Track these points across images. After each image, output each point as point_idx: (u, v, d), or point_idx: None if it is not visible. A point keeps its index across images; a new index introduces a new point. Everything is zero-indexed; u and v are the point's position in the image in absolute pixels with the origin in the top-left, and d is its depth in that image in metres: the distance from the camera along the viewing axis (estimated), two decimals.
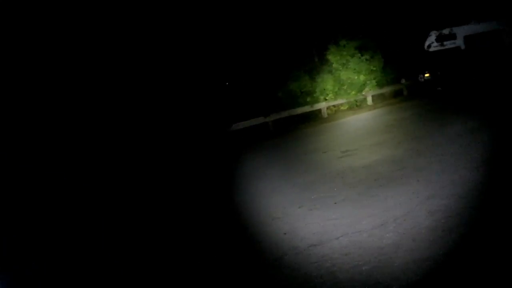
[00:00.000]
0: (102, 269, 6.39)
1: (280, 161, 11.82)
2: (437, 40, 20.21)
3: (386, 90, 21.58)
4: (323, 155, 11.21)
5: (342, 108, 20.98)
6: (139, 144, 16.72)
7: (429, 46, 20.70)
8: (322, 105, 20.42)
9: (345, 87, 20.69)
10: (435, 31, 20.31)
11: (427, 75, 19.91)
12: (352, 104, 20.96)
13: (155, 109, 18.66)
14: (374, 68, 20.93)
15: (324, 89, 20.72)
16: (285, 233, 6.18)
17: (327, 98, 20.63)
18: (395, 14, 21.77)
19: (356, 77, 20.53)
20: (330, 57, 20.99)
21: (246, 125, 18.83)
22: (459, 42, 19.58)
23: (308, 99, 20.55)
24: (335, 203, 6.94)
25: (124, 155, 15.69)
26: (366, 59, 20.66)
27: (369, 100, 20.99)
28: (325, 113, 20.31)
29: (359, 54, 20.64)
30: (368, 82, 20.79)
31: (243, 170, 11.75)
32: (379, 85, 21.32)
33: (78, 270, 6.55)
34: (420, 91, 20.56)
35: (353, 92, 20.60)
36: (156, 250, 6.78)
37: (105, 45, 18.41)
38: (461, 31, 19.62)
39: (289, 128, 18.71)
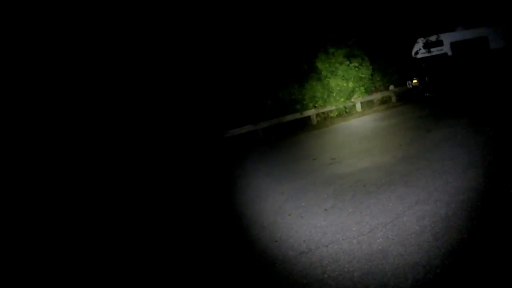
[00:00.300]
0: (102, 269, 6.39)
1: (269, 168, 11.82)
2: (424, 46, 20.47)
3: (374, 96, 21.72)
4: (312, 162, 11.23)
5: (331, 115, 21.07)
6: (135, 144, 16.74)
7: (416, 52, 20.96)
8: (311, 112, 20.50)
9: (334, 94, 20.77)
10: (422, 38, 20.58)
11: (415, 81, 20.09)
12: (341, 111, 21.06)
13: (150, 112, 18.67)
14: (363, 75, 21.05)
15: (314, 96, 20.80)
16: (276, 241, 6.19)
17: (316, 105, 20.72)
18: (383, 22, 21.97)
19: (345, 84, 20.63)
20: (319, 64, 21.08)
21: (236, 133, 18.84)
22: (446, 48, 19.85)
23: (298, 106, 20.63)
24: (326, 209, 6.96)
25: (120, 158, 15.70)
26: (355, 66, 20.78)
27: (358, 106, 21.11)
28: (314, 120, 20.39)
29: (348, 62, 20.76)
30: (356, 89, 20.91)
31: (231, 178, 11.73)
32: (368, 92, 21.46)
33: (78, 270, 6.55)
34: (408, 97, 20.76)
35: (342, 99, 20.71)
36: (151, 258, 6.77)
37: (104, 47, 18.45)
38: (448, 38, 19.91)
39: (278, 135, 18.74)
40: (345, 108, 21.07)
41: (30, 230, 9.09)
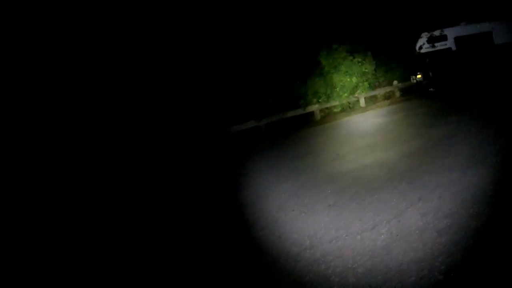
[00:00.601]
0: (102, 269, 6.39)
1: (272, 165, 11.81)
2: (428, 41, 20.33)
3: (378, 92, 21.66)
4: (314, 158, 11.22)
5: (334, 110, 21.02)
6: (136, 143, 16.66)
7: (420, 47, 20.83)
8: (314, 108, 20.46)
9: (337, 89, 20.73)
10: (426, 33, 20.44)
11: (419, 76, 20.02)
12: (344, 106, 21.01)
13: (153, 109, 18.56)
14: (366, 70, 21.00)
15: (317, 92, 20.76)
16: (279, 236, 6.18)
17: (319, 100, 20.66)
18: (386, 16, 21.88)
19: (348, 79, 20.59)
20: (322, 59, 21.05)
21: (238, 130, 18.81)
22: (450, 43, 19.72)
23: (301, 102, 20.58)
24: (329, 205, 6.95)
25: (123, 156, 15.62)
26: (358, 62, 20.73)
27: (362, 102, 21.05)
28: (318, 116, 20.35)
29: (351, 57, 20.71)
30: (360, 84, 20.86)
31: (234, 175, 11.69)
32: (371, 87, 21.42)
33: (78, 270, 6.54)
34: (412, 92, 20.71)
35: (345, 95, 20.66)
36: (151, 256, 6.77)
37: (105, 45, 18.32)
38: (452, 33, 19.76)
39: (281, 131, 18.70)
40: (349, 103, 21.02)
41: (30, 229, 9.05)
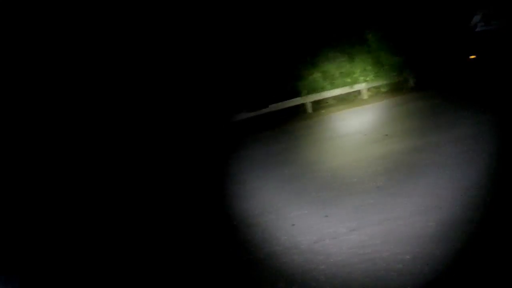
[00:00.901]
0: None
1: (317, 142, 11.86)
2: (484, 19, 19.40)
3: (428, 72, 20.96)
4: (360, 138, 11.09)
5: (382, 90, 20.55)
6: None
7: (475, 25, 19.90)
8: (361, 86, 20.07)
9: (385, 67, 20.26)
10: (482, 9, 19.48)
11: (472, 57, 19.20)
12: (393, 86, 20.49)
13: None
14: (416, 49, 20.36)
15: (364, 70, 20.37)
16: (326, 215, 6.26)
17: (367, 79, 20.26)
18: None
19: (397, 58, 20.07)
20: (369, 37, 20.58)
21: (282, 107, 18.77)
22: (509, 21, 18.70)
23: (348, 79, 20.26)
24: (378, 187, 6.95)
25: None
26: (407, 39, 20.11)
27: (411, 82, 20.48)
28: (365, 95, 19.98)
29: (400, 34, 20.12)
30: (409, 63, 20.26)
31: (277, 152, 11.73)
32: (421, 66, 20.73)
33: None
34: (466, 73, 19.88)
35: (393, 74, 20.16)
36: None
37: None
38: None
39: (327, 109, 18.55)
40: (398, 82, 20.46)
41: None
